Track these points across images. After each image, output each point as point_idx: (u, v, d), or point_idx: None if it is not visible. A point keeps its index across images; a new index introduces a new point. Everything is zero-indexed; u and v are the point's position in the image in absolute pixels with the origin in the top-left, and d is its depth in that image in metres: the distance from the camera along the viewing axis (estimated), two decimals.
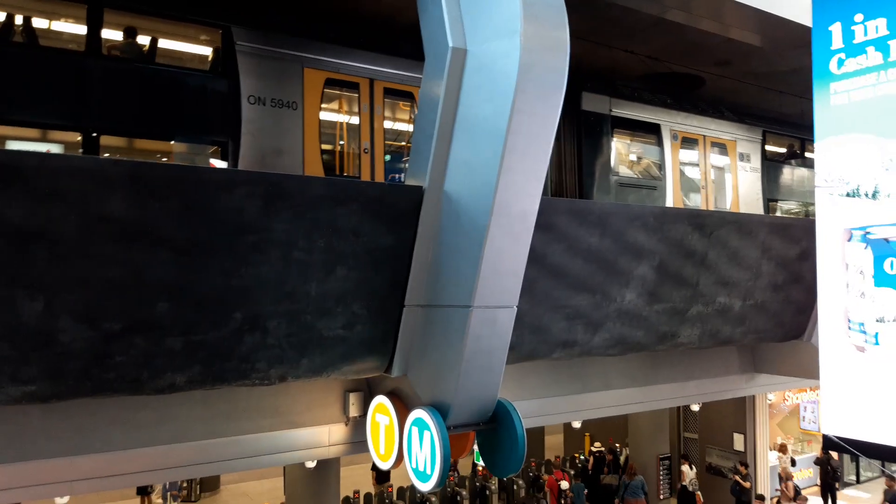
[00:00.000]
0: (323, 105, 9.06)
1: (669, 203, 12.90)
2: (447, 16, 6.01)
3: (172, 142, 8.33)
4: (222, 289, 5.64)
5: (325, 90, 9.07)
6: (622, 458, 17.28)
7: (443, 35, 6.01)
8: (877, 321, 6.72)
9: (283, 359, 6.18)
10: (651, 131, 13.15)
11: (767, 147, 15.10)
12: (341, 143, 9.46)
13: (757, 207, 14.56)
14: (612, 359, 9.80)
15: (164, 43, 8.30)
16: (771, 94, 14.27)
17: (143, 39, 8.11)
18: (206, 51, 8.60)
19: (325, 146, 9.12)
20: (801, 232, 9.88)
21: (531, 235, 6.04)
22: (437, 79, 6.06)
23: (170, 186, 5.23)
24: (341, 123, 9.48)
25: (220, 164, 8.30)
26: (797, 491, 15.65)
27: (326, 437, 7.56)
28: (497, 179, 5.64)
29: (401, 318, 6.55)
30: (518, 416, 6.48)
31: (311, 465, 8.09)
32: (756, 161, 14.72)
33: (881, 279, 6.67)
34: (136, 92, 7.80)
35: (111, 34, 7.87)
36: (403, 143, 9.95)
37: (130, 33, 7.99)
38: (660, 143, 13.13)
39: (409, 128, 9.99)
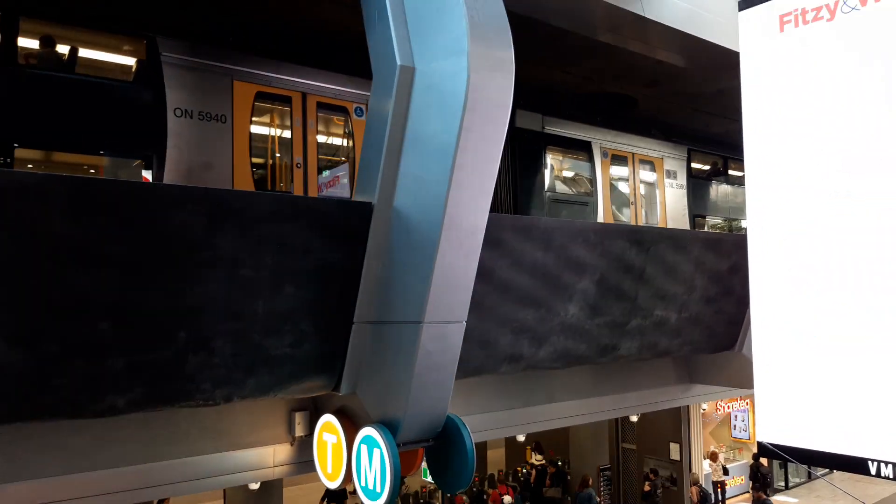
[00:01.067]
0: (254, 118, 8.95)
1: (600, 218, 13.27)
2: (395, 34, 6.07)
3: (94, 154, 8.05)
4: (166, 308, 5.49)
5: (256, 104, 8.97)
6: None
7: (391, 53, 6.06)
8: (812, 331, 7.05)
9: (229, 379, 6.05)
10: (582, 149, 13.53)
11: (693, 164, 15.72)
12: (274, 157, 9.37)
13: (683, 223, 15.14)
14: (556, 372, 9.98)
15: (85, 53, 8.06)
16: (697, 114, 14.95)
17: (63, 49, 7.87)
18: (130, 61, 8.39)
19: (255, 160, 9.01)
20: (731, 247, 10.33)
21: (480, 251, 6.13)
22: (385, 96, 6.10)
23: (112, 202, 5.08)
24: (273, 137, 9.40)
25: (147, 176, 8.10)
26: (702, 497, 15.82)
27: (271, 457, 7.41)
28: (447, 195, 5.70)
29: (349, 336, 6.51)
30: (468, 432, 6.52)
31: (254, 486, 7.91)
32: (682, 178, 15.31)
33: None
34: (54, 103, 7.54)
35: (28, 43, 7.61)
36: (338, 158, 9.92)
37: (48, 43, 7.73)
38: (591, 160, 13.51)
39: (344, 142, 9.99)
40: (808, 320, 7.06)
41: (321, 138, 9.68)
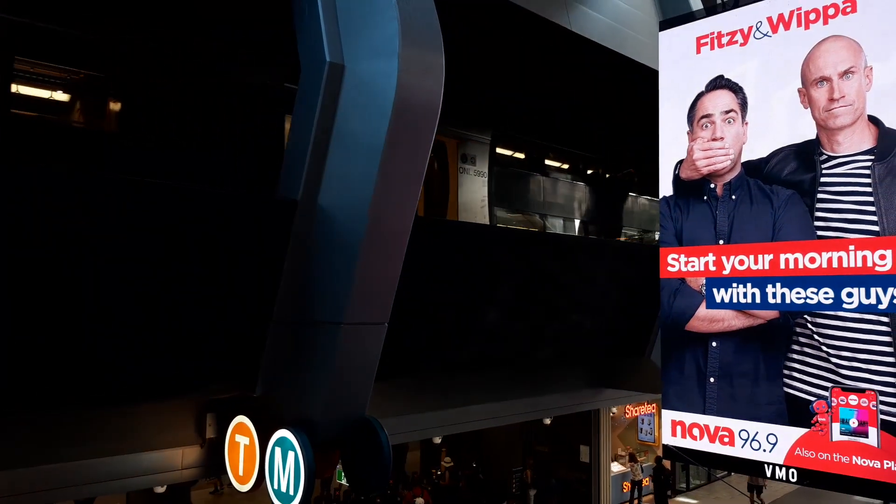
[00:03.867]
0: None
1: None
2: (325, 30, 6.00)
3: None
4: (73, 303, 5.21)
5: None
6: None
7: (320, 49, 5.98)
8: (713, 342, 7.42)
9: (138, 377, 5.80)
10: None
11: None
12: None
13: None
14: (473, 375, 10.08)
15: None
16: None
17: None
18: None
19: None
20: (643, 255, 10.74)
21: (404, 253, 6.12)
22: (313, 92, 6.01)
23: None
24: None
25: None
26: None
27: (179, 460, 7.14)
28: (372, 196, 5.67)
29: (266, 335, 6.37)
30: (385, 434, 6.48)
31: (160, 489, 7.59)
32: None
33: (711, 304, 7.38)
34: None
35: None
36: None
37: None
38: None
39: None
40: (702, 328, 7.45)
41: None
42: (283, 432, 6.25)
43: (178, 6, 7.38)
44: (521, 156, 14.78)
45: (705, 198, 7.54)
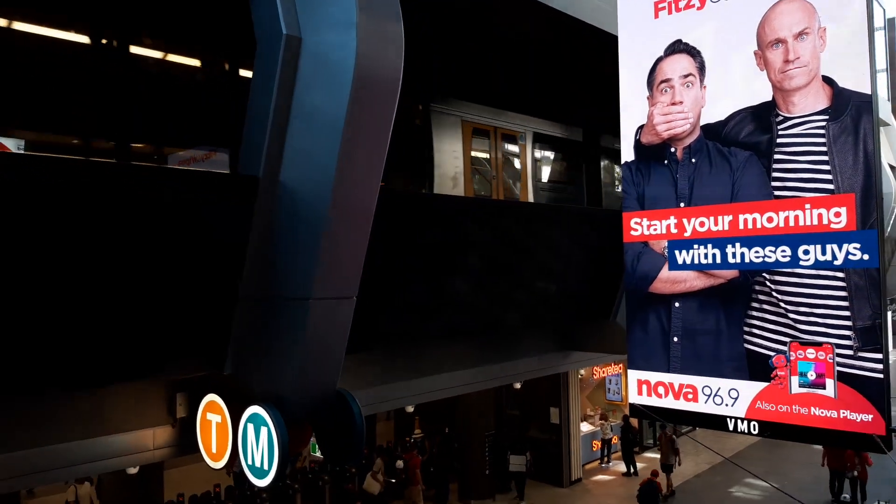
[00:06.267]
0: None
1: None
2: (280, 2, 5.86)
3: None
4: (39, 286, 5.10)
5: None
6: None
7: (276, 22, 5.84)
8: (675, 302, 7.60)
9: (105, 359, 5.72)
10: None
11: None
12: None
13: None
14: (444, 344, 10.18)
15: None
16: None
17: None
18: None
19: None
20: (605, 219, 10.87)
21: (370, 225, 6.10)
22: (270, 65, 5.89)
23: None
24: None
25: None
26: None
27: (151, 440, 7.11)
28: (335, 170, 5.63)
29: (234, 313, 6.33)
30: (357, 406, 6.54)
31: (132, 471, 7.58)
32: None
33: (673, 265, 7.54)
34: None
35: None
36: None
37: None
38: None
39: None
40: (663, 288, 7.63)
41: None
42: (255, 408, 6.25)
43: None
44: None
45: (666, 162, 7.65)
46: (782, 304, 6.80)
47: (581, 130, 13.92)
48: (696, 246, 7.32)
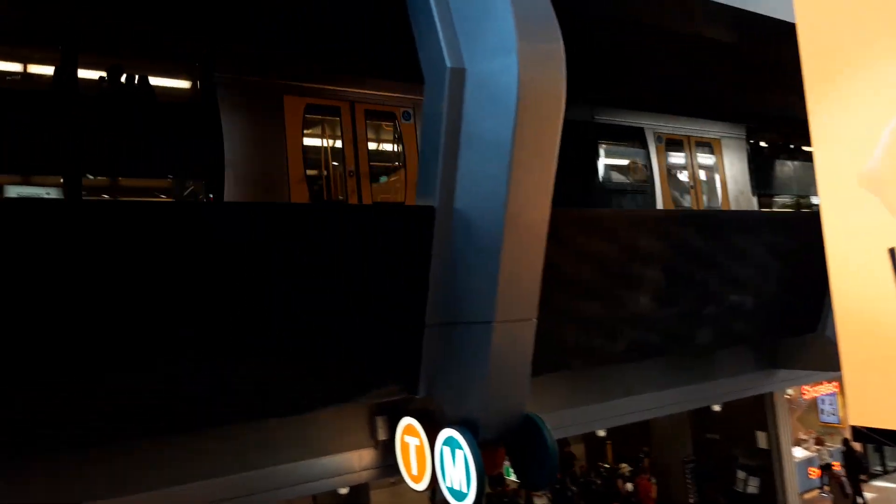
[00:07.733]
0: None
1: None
2: (443, 37, 6.16)
3: None
4: (255, 329, 5.73)
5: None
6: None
7: (440, 56, 6.15)
8: None
9: (312, 389, 6.25)
10: None
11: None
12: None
13: None
14: (631, 365, 9.84)
15: None
16: None
17: None
18: None
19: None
20: (802, 225, 9.98)
21: (544, 245, 6.14)
22: (437, 98, 6.20)
23: None
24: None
25: None
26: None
27: (357, 462, 7.58)
28: (507, 193, 5.76)
29: (423, 339, 6.61)
30: (547, 429, 6.53)
31: (343, 491, 8.10)
32: None
33: None
34: None
35: None
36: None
37: None
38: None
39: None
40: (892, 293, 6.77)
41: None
42: (449, 431, 6.46)
43: None
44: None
45: None
46: None
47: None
48: None
